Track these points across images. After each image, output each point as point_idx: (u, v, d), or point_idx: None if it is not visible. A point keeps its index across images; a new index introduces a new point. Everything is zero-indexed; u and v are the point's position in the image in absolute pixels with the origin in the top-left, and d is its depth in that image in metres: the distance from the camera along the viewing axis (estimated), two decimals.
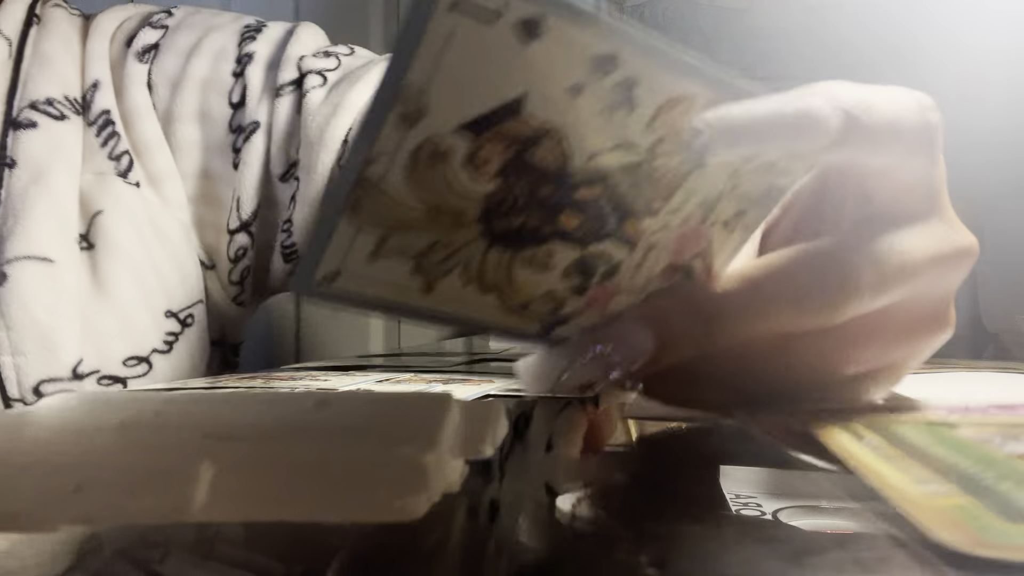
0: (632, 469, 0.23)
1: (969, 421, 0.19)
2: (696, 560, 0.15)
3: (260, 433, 0.15)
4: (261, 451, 0.15)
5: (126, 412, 0.16)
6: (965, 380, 0.37)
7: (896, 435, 0.18)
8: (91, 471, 0.14)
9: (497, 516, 0.19)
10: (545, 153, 0.18)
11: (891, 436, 0.18)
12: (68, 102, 0.53)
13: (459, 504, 0.18)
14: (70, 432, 0.16)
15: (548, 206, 0.19)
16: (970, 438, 0.17)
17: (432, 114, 0.17)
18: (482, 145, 0.18)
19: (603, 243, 0.21)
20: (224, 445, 0.15)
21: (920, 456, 0.16)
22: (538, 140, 0.18)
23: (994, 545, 0.12)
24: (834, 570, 0.14)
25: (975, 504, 0.13)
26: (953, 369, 0.44)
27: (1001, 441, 0.17)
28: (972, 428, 0.19)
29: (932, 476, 0.15)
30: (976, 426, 0.19)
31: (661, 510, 0.18)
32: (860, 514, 0.17)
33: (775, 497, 0.18)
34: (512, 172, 0.18)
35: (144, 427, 0.16)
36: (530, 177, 0.19)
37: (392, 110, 0.17)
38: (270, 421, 0.16)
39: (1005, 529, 0.12)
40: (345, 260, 0.19)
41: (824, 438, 0.18)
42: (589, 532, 0.17)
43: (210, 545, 0.16)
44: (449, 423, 0.16)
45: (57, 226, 0.49)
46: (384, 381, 0.40)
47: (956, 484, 0.14)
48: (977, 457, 0.16)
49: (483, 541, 0.16)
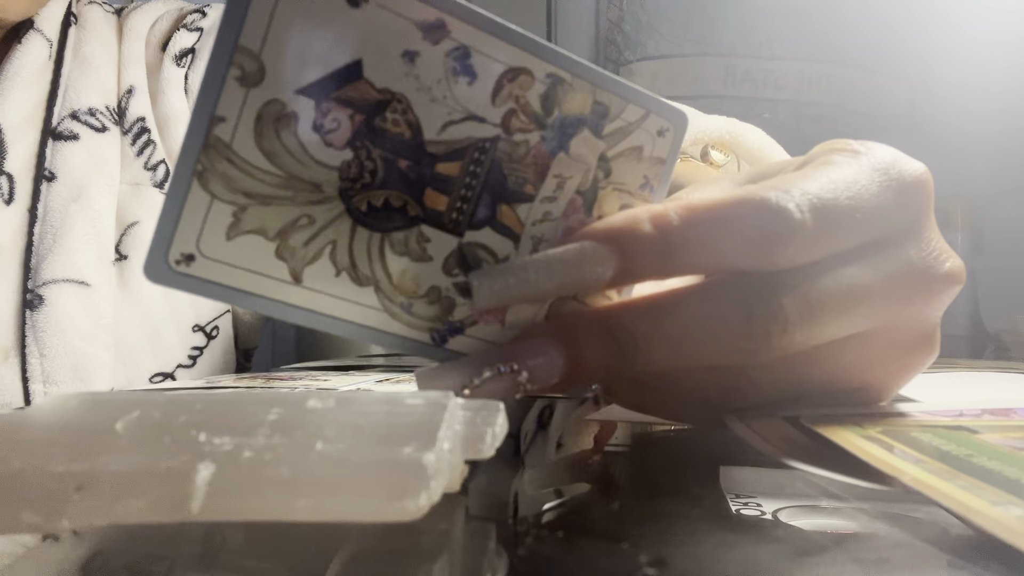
0: (632, 469, 0.23)
1: (984, 424, 0.19)
2: (696, 560, 0.15)
3: (260, 433, 0.15)
4: (261, 451, 0.15)
5: (126, 412, 0.16)
6: (965, 380, 0.37)
7: (922, 443, 0.17)
8: (91, 471, 0.14)
9: (518, 507, 0.19)
10: (394, 121, 0.19)
11: (922, 446, 0.17)
12: (108, 112, 0.51)
13: (459, 504, 0.18)
14: (70, 432, 0.16)
15: (409, 182, 0.19)
16: (1001, 444, 0.17)
17: (270, 77, 0.17)
18: (328, 111, 0.18)
19: (480, 232, 0.20)
20: (224, 445, 0.15)
21: (969, 468, 0.16)
22: (384, 107, 0.18)
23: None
24: (834, 570, 0.14)
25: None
26: (953, 369, 0.43)
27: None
28: (994, 433, 0.18)
29: (1006, 497, 0.14)
30: (998, 430, 0.19)
31: (661, 510, 0.18)
32: (860, 514, 0.17)
33: (775, 497, 0.18)
34: (363, 140, 0.19)
35: (144, 427, 0.16)
36: (383, 147, 0.19)
37: (228, 72, 0.17)
38: (270, 421, 0.16)
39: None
40: (201, 237, 0.18)
41: (851, 447, 0.17)
42: (589, 532, 0.17)
43: (210, 545, 0.16)
44: (449, 423, 0.16)
45: (96, 248, 0.48)
46: (384, 381, 0.40)
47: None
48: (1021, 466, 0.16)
49: (483, 541, 0.16)
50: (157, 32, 0.57)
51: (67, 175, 0.48)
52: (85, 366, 0.46)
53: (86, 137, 0.49)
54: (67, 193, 0.47)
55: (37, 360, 0.45)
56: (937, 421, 0.20)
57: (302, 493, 0.14)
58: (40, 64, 0.49)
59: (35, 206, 0.47)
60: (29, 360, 0.45)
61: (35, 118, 0.48)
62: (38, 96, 0.48)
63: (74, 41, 0.51)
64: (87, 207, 0.48)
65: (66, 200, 0.47)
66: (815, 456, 0.18)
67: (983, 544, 0.14)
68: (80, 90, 0.50)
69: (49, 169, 0.48)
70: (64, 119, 0.49)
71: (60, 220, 0.47)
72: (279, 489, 0.14)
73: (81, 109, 0.49)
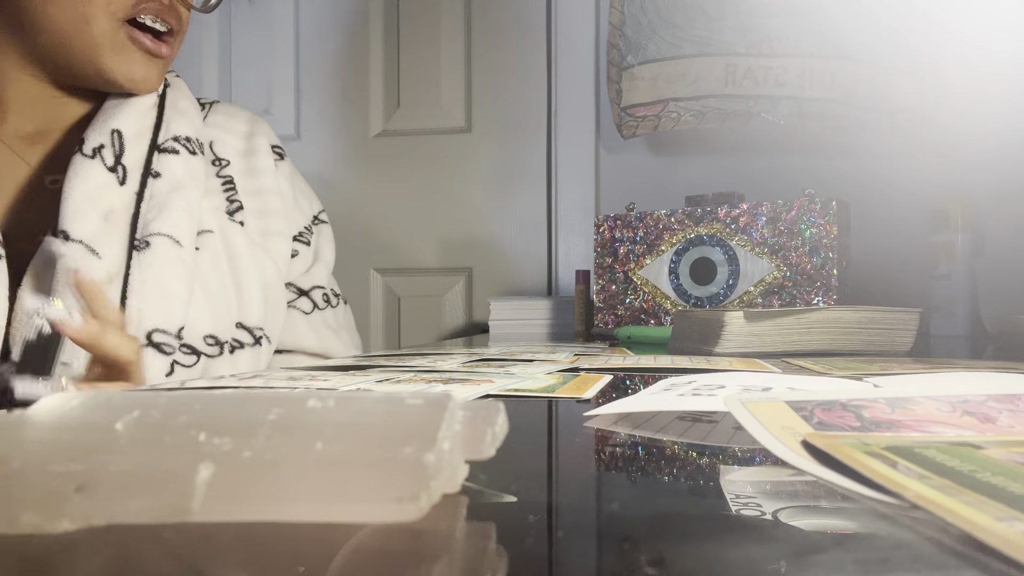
0: (632, 469, 0.23)
1: (989, 440, 0.19)
2: (696, 560, 0.15)
3: (260, 433, 0.15)
4: (261, 451, 0.15)
5: (126, 412, 0.16)
6: (965, 380, 0.37)
7: (925, 459, 0.17)
8: (91, 471, 0.14)
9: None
10: None
11: (926, 462, 0.17)
12: (196, 142, 0.71)
13: (459, 504, 0.18)
14: (70, 432, 0.16)
15: None
16: (1006, 459, 0.17)
17: None
18: None
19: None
20: (224, 445, 0.15)
21: (973, 484, 0.16)
22: None
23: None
24: (834, 570, 0.14)
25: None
26: (953, 369, 0.43)
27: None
28: (999, 448, 0.18)
29: (1010, 512, 0.14)
30: (1002, 445, 0.19)
31: (661, 510, 0.18)
32: (860, 514, 0.17)
33: (775, 497, 0.18)
34: None
35: (144, 427, 0.16)
36: None
37: None
38: (270, 421, 0.16)
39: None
40: None
41: (855, 464, 0.17)
42: (589, 532, 0.17)
43: (210, 545, 0.16)
44: (449, 423, 0.16)
45: (188, 221, 0.65)
46: (384, 381, 0.40)
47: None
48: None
49: (483, 541, 0.16)
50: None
51: (169, 175, 0.66)
52: (170, 297, 0.62)
53: (183, 154, 0.69)
54: (168, 187, 0.66)
55: (139, 284, 0.60)
56: (941, 436, 0.20)
57: (302, 493, 0.14)
58: (149, 105, 0.69)
59: (142, 191, 0.65)
60: (131, 284, 0.60)
61: (144, 136, 0.67)
62: (148, 123, 0.68)
63: (172, 98, 0.72)
64: (183, 195, 0.66)
65: (167, 189, 0.66)
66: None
67: (983, 544, 0.14)
68: (179, 125, 0.70)
69: (155, 170, 0.66)
70: (168, 140, 0.68)
71: (164, 199, 0.65)
72: (279, 489, 0.14)
73: (181, 135, 0.69)
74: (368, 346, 1.51)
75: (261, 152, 0.77)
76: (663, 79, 1.33)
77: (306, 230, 0.79)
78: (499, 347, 0.77)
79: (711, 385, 0.33)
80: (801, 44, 1.28)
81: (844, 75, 1.27)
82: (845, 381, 0.34)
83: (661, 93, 1.34)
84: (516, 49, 1.50)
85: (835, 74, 1.27)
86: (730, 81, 1.31)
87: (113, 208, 0.62)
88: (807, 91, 1.28)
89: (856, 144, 1.30)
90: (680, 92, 1.33)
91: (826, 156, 1.32)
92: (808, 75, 1.28)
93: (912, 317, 0.65)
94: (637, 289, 1.02)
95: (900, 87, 1.26)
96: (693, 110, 1.32)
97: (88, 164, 0.62)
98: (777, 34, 1.29)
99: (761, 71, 1.30)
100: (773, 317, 0.64)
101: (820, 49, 1.27)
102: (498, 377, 0.43)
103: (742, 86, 1.30)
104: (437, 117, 1.54)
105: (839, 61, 1.26)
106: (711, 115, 1.31)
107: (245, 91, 1.61)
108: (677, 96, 1.33)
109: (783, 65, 1.29)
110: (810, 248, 0.90)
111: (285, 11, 1.60)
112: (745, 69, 1.30)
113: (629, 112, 1.36)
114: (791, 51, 1.28)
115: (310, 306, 0.78)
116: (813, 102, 1.28)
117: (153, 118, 0.69)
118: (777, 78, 1.29)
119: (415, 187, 1.54)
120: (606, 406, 0.31)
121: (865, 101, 1.27)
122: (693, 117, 1.32)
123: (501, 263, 1.51)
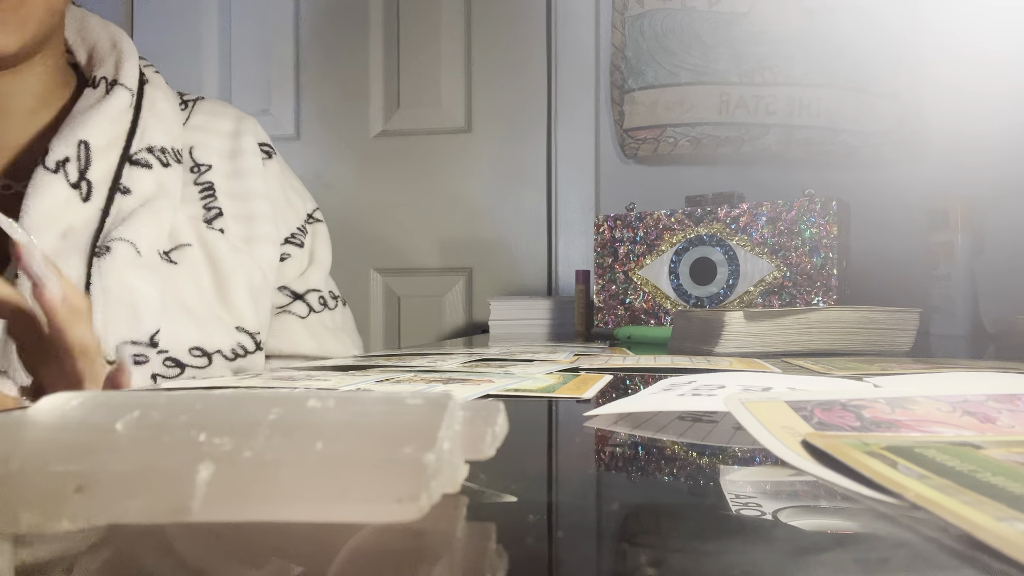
0: (632, 469, 0.23)
1: (989, 440, 0.19)
2: (696, 560, 0.15)
3: (260, 433, 0.15)
4: (261, 451, 0.15)
5: (126, 412, 0.16)
6: (965, 380, 0.37)
7: (925, 459, 0.17)
8: (91, 471, 0.14)
9: None
10: None
11: (926, 462, 0.17)
12: (172, 152, 0.67)
13: (459, 504, 0.18)
14: (70, 432, 0.16)
15: None
16: (1006, 459, 0.17)
17: None
18: None
19: None
20: (224, 445, 0.15)
21: (973, 484, 0.16)
22: None
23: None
24: (834, 570, 0.14)
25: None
26: (953, 369, 0.43)
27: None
28: (999, 448, 0.18)
29: (1010, 512, 0.14)
30: (1002, 446, 0.19)
31: (661, 510, 0.18)
32: (860, 514, 0.17)
33: (775, 497, 0.18)
34: None
35: (144, 427, 0.16)
36: None
37: None
38: (270, 421, 0.16)
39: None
40: None
41: (855, 464, 0.17)
42: (589, 532, 0.17)
43: (210, 545, 0.16)
44: (449, 423, 0.16)
45: (154, 231, 0.62)
46: (384, 381, 0.40)
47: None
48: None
49: (483, 541, 0.16)
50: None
51: (139, 192, 0.63)
52: (137, 304, 0.58)
53: (156, 168, 0.65)
54: (135, 203, 0.62)
55: (101, 294, 0.56)
56: (941, 436, 0.20)
57: (302, 493, 0.14)
58: (123, 107, 0.65)
59: (108, 208, 0.61)
60: (93, 294, 0.56)
61: (116, 146, 0.63)
62: (120, 129, 0.64)
63: (150, 96, 0.68)
64: (150, 209, 0.62)
65: (134, 206, 0.62)
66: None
67: (983, 544, 0.14)
68: (155, 133, 0.66)
69: (124, 185, 0.62)
70: (140, 151, 0.64)
71: (129, 213, 0.61)
72: (279, 489, 0.14)
73: (155, 146, 0.65)
74: (368, 346, 1.50)
75: (248, 152, 0.74)
76: (661, 105, 1.38)
77: (299, 231, 0.76)
78: (499, 347, 0.77)
79: (711, 385, 0.33)
80: (791, 73, 1.32)
81: (830, 102, 1.32)
82: (845, 381, 0.34)
83: (659, 118, 1.38)
84: (516, 49, 1.50)
85: (822, 101, 1.32)
86: (723, 110, 1.35)
87: (72, 226, 0.59)
88: (795, 119, 1.32)
89: (843, 164, 1.32)
90: (677, 119, 1.37)
91: (820, 169, 1.33)
92: (797, 104, 1.33)
93: (912, 317, 0.66)
94: (637, 289, 1.02)
95: (883, 110, 1.28)
96: (689, 136, 1.36)
97: (50, 179, 0.59)
98: (768, 63, 1.33)
99: (753, 100, 1.35)
100: (773, 317, 0.64)
101: (807, 77, 1.32)
102: (498, 377, 0.43)
103: (735, 115, 1.34)
104: (437, 117, 1.54)
105: (826, 89, 1.32)
106: (706, 141, 1.36)
107: (245, 91, 1.61)
108: (674, 122, 1.37)
109: (773, 94, 1.34)
110: (810, 248, 0.90)
111: (285, 11, 1.60)
112: (738, 98, 1.35)
113: (631, 135, 1.40)
114: (781, 80, 1.34)
115: (306, 310, 0.75)
116: (802, 129, 1.31)
117: (127, 123, 0.65)
118: (768, 107, 1.34)
119: (415, 187, 1.54)
120: (606, 406, 0.31)
121: (851, 125, 1.29)
122: (689, 143, 1.36)
123: (501, 263, 1.51)
